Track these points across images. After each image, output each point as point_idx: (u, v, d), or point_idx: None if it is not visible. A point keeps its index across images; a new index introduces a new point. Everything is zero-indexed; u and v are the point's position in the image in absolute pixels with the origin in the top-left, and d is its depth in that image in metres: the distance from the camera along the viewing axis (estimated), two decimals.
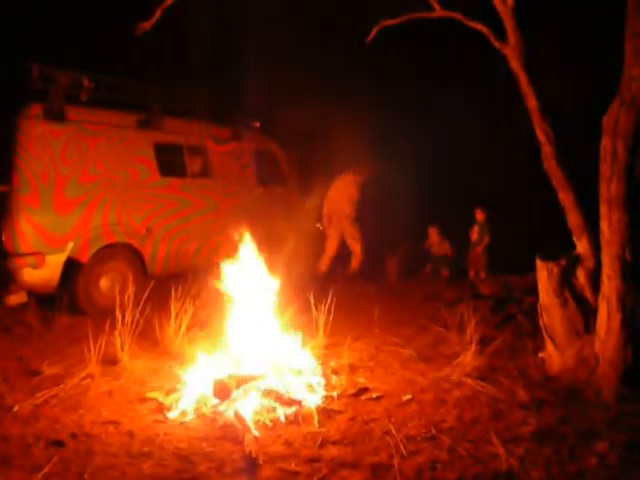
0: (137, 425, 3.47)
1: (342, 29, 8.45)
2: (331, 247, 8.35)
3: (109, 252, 6.42)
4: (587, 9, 8.09)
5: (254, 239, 4.58)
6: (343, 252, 8.44)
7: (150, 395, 3.90)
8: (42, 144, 5.86)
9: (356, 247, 8.25)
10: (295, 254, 7.40)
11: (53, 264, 5.88)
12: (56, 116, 5.99)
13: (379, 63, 9.09)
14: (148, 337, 4.93)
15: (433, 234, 8.49)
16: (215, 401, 3.68)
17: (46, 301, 6.06)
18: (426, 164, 10.20)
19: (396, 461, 2.96)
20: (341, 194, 8.22)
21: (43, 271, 5.79)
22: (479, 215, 8.05)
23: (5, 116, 5.83)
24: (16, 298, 5.69)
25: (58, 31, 9.85)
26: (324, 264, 8.32)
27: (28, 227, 5.70)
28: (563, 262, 4.07)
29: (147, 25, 4.55)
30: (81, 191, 6.13)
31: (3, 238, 5.63)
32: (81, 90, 6.28)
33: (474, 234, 8.07)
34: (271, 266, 4.55)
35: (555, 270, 4.05)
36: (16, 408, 3.61)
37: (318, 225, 8.53)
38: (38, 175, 5.81)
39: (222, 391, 3.67)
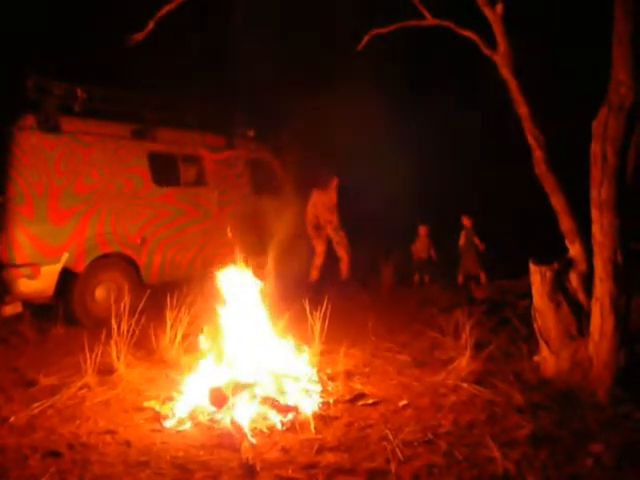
0: (134, 434, 3.48)
1: (336, 37, 8.51)
2: (319, 255, 8.37)
3: (104, 262, 6.42)
4: (575, 15, 8.18)
5: (249, 247, 4.60)
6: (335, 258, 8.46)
7: (146, 404, 3.90)
8: (36, 155, 5.87)
9: (342, 252, 8.28)
10: (289, 261, 7.41)
11: (48, 274, 5.87)
12: (50, 127, 6.01)
13: (372, 68, 9.14)
14: (144, 346, 4.93)
15: (423, 233, 8.56)
16: (211, 409, 3.68)
17: (42, 311, 6.05)
18: (419, 170, 10.25)
19: (393, 466, 2.97)
20: (322, 201, 8.25)
21: (38, 281, 5.79)
22: (465, 222, 8.19)
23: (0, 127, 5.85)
24: (11, 309, 5.68)
25: (52, 43, 9.87)
26: (314, 272, 8.34)
27: (23, 238, 5.70)
28: (556, 266, 4.10)
29: (140, 36, 4.58)
30: (76, 201, 6.14)
31: None
32: (75, 101, 6.30)
33: (462, 239, 8.19)
34: (266, 274, 4.56)
35: (548, 274, 4.08)
36: (12, 419, 3.61)
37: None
38: (33, 186, 5.82)
39: (218, 399, 3.67)
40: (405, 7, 4.56)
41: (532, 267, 4.19)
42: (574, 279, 4.09)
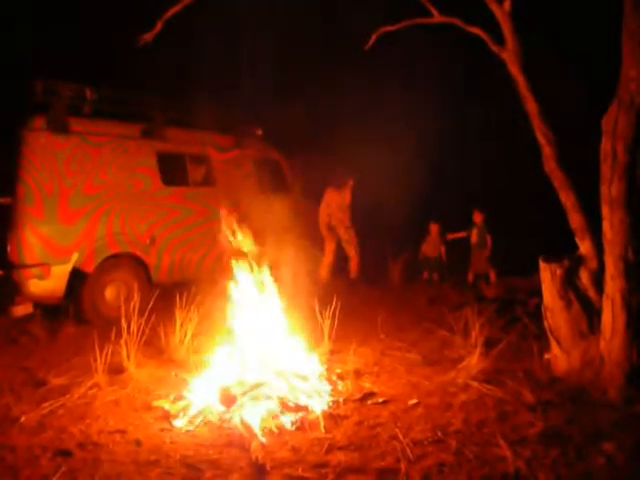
0: (144, 433, 3.48)
1: (342, 36, 8.50)
2: (329, 253, 8.37)
3: (114, 262, 6.46)
4: (585, 12, 8.11)
5: (257, 246, 4.60)
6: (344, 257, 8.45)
7: (156, 403, 3.91)
8: (46, 156, 5.91)
9: (351, 251, 8.28)
10: (299, 261, 7.40)
11: (58, 275, 5.91)
12: (60, 128, 6.05)
13: (377, 65, 9.12)
14: (153, 346, 4.95)
15: (434, 230, 8.51)
16: (221, 408, 3.69)
17: (52, 311, 6.09)
18: (428, 167, 10.21)
19: (403, 465, 2.95)
20: (335, 201, 8.25)
21: (49, 282, 5.83)
22: (477, 217, 8.07)
23: (10, 129, 5.88)
24: (22, 309, 5.72)
25: (60, 45, 9.93)
26: (324, 270, 8.33)
27: (33, 238, 5.74)
28: (566, 263, 4.07)
29: (149, 37, 4.60)
30: (85, 202, 6.18)
31: (9, 249, 5.68)
32: (84, 102, 6.34)
33: (474, 237, 8.08)
34: (275, 273, 4.57)
35: (558, 271, 4.05)
36: (23, 419, 3.63)
37: None
38: (43, 187, 5.86)
39: (228, 398, 3.67)
40: (412, 6, 4.55)
41: (542, 265, 4.16)
42: (585, 276, 4.06)
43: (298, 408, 3.70)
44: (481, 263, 8.01)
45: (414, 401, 3.84)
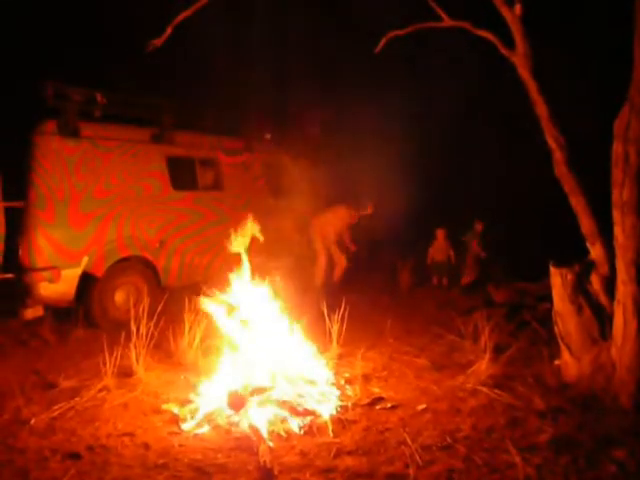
0: (152, 437, 3.49)
1: (354, 43, 8.51)
2: (321, 263, 8.33)
3: (123, 265, 6.48)
4: (597, 14, 8.08)
5: (266, 251, 4.60)
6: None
7: (165, 407, 3.92)
8: (57, 160, 5.95)
9: (340, 259, 8.25)
10: (307, 265, 7.40)
11: (69, 278, 5.94)
12: (71, 132, 6.08)
13: (382, 70, 9.14)
14: (162, 349, 4.96)
15: (440, 236, 8.55)
16: (229, 412, 3.69)
17: (62, 315, 6.12)
18: (436, 171, 10.20)
19: (412, 471, 2.94)
20: (330, 223, 8.23)
21: (59, 285, 5.85)
22: (479, 226, 8.35)
23: (21, 133, 5.93)
24: (32, 312, 5.75)
25: (71, 49, 10.01)
26: (338, 272, 8.30)
27: (44, 242, 5.78)
28: (577, 268, 4.03)
29: (158, 42, 4.62)
30: (95, 206, 6.21)
31: (20, 253, 5.71)
32: (95, 106, 6.38)
33: (474, 245, 8.40)
34: (284, 277, 4.57)
35: (569, 276, 4.02)
36: (33, 421, 3.65)
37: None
38: (53, 190, 5.89)
39: (236, 402, 3.67)
40: (419, 8, 4.54)
41: (552, 269, 4.14)
42: (596, 282, 4.02)
43: (306, 412, 3.69)
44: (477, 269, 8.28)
45: (423, 406, 3.82)
